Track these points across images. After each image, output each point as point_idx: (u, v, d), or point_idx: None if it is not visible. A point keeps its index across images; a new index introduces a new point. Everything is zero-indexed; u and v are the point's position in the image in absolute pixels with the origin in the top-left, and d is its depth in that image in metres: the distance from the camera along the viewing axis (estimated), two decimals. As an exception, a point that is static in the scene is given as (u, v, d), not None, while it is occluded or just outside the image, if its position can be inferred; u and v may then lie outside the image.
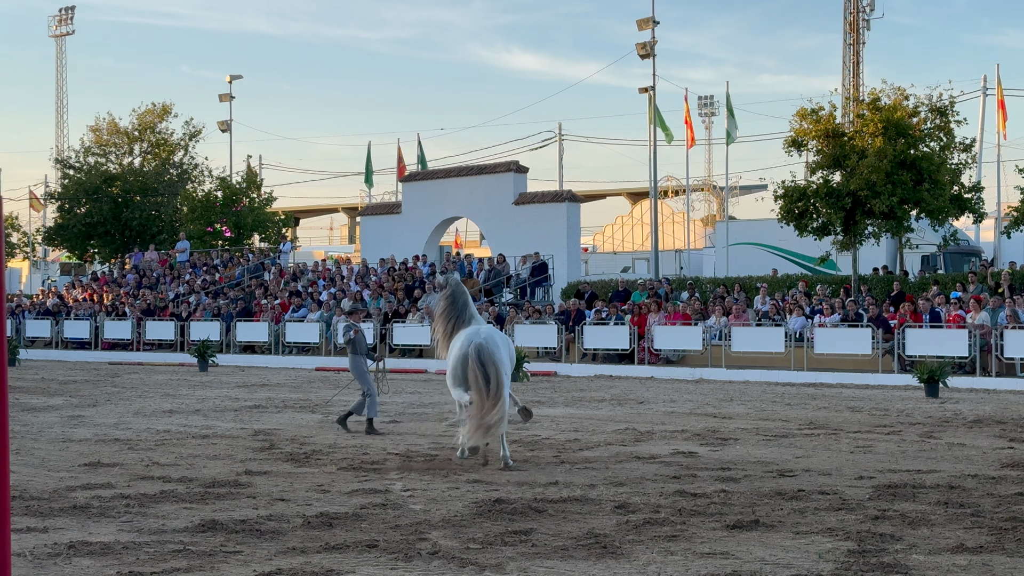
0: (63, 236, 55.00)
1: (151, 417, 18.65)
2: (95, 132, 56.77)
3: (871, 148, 30.44)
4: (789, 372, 27.42)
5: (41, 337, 40.94)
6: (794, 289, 32.06)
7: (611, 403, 21.04)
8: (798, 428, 16.51)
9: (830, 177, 31.95)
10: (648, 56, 43.29)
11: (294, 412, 19.56)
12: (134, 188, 53.47)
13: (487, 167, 42.68)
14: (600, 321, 31.45)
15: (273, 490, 11.02)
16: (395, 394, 23.46)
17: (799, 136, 32.20)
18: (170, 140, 56.77)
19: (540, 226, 38.93)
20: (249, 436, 15.80)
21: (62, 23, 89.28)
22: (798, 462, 12.83)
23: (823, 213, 31.47)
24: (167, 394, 23.50)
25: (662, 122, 44.47)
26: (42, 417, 18.53)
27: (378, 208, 47.70)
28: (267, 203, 53.56)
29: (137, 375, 29.98)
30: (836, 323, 28.26)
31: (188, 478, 11.74)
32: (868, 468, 12.27)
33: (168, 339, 37.99)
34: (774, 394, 23.28)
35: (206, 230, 50.08)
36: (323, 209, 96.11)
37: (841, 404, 20.70)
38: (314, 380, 27.93)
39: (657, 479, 11.61)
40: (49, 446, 14.66)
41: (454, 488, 11.11)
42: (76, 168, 55.46)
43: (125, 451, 14.11)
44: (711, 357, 29.06)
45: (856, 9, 62.43)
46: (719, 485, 11.17)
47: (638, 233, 67.46)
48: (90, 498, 10.53)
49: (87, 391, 24.28)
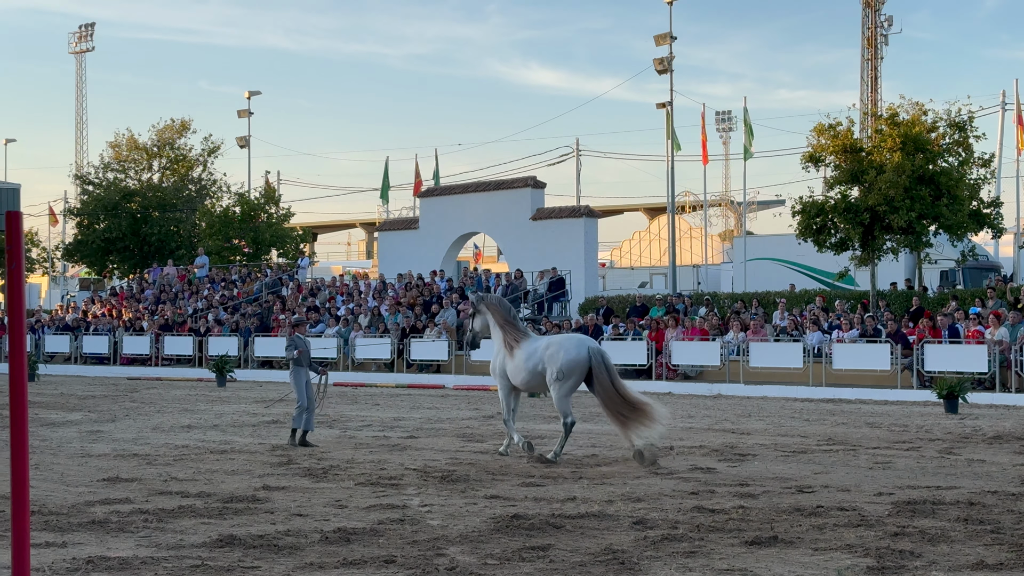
0: (82, 252, 55.21)
1: (169, 432, 18.68)
2: (114, 148, 57.05)
3: (889, 163, 30.38)
4: (807, 388, 27.34)
5: (60, 352, 41.09)
6: (812, 304, 31.98)
7: (629, 419, 20.95)
8: (817, 444, 16.45)
9: (848, 192, 31.88)
10: (666, 71, 43.31)
11: (312, 427, 19.53)
12: (153, 204, 53.68)
13: (504, 182, 42.72)
14: (618, 336, 31.42)
15: (291, 505, 11.02)
16: (412, 409, 23.47)
17: (817, 151, 32.16)
18: (189, 156, 56.99)
19: (557, 241, 38.93)
20: (267, 451, 15.81)
21: (82, 40, 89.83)
22: (817, 478, 12.78)
23: (841, 228, 31.41)
24: (185, 409, 23.54)
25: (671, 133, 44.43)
26: (61, 432, 18.58)
27: (395, 223, 47.77)
28: (285, 218, 53.71)
29: (155, 390, 30.05)
30: (855, 339, 28.17)
31: (206, 493, 11.76)
32: (887, 484, 12.22)
33: (186, 354, 38.08)
34: (792, 410, 23.20)
35: (224, 245, 50.21)
36: (341, 224, 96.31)
37: (860, 420, 20.62)
38: (332, 395, 27.93)
39: (675, 495, 11.58)
40: (68, 461, 14.70)
41: (472, 504, 11.10)
42: (95, 184, 55.70)
43: (143, 466, 14.14)
44: (729, 372, 28.99)
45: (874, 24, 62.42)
46: (737, 501, 11.13)
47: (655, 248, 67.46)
48: (109, 513, 10.55)
49: (106, 406, 24.34)
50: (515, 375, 14.91)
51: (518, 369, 14.82)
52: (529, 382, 14.84)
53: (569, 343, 14.64)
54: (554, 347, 14.61)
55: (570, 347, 14.51)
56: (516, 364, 14.81)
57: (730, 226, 77.10)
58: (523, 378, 14.83)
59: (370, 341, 34.06)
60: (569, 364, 14.37)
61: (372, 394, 28.55)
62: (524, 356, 14.78)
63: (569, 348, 14.50)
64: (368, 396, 27.78)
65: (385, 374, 33.43)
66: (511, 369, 14.94)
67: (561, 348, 14.52)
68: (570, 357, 14.39)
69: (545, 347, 14.71)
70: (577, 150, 66.14)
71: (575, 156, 66.06)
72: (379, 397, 27.40)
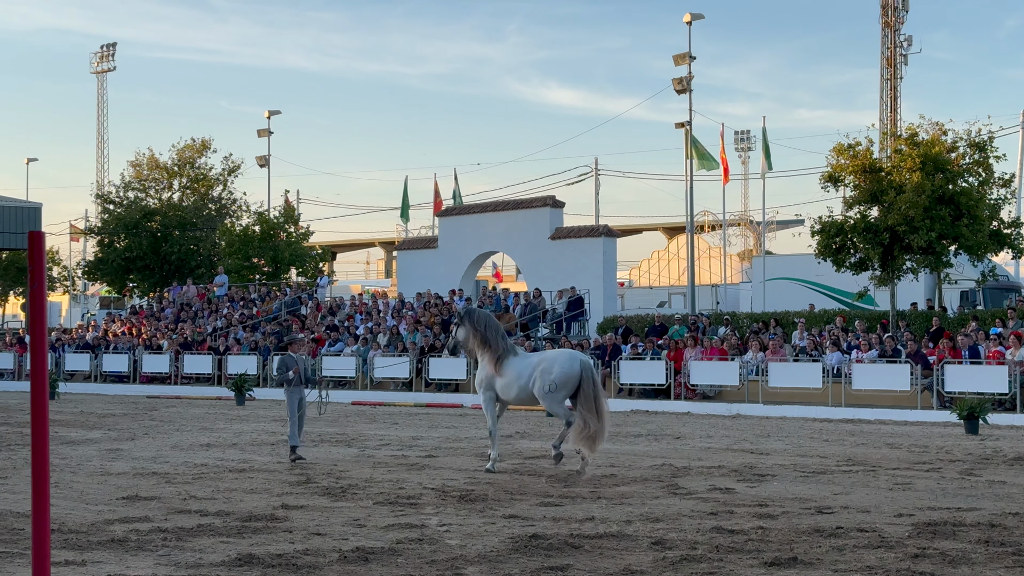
0: (103, 270, 55.41)
1: (188, 451, 18.72)
2: (135, 167, 57.28)
3: (909, 183, 30.31)
4: (827, 408, 27.24)
5: (80, 370, 41.21)
6: (831, 324, 31.89)
7: (647, 438, 20.95)
8: (836, 464, 16.38)
9: (867, 212, 31.82)
10: (684, 91, 43.31)
11: (330, 446, 19.58)
12: (173, 223, 53.89)
13: (523, 202, 42.77)
14: (636, 356, 31.37)
15: (309, 524, 11.02)
16: (431, 428, 23.47)
17: (836, 171, 32.13)
18: (209, 175, 57.18)
19: (576, 260, 38.93)
20: (286, 470, 15.83)
21: (103, 59, 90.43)
22: (836, 499, 12.72)
23: (860, 248, 31.36)
24: (204, 428, 23.58)
25: (704, 153, 44.34)
26: (81, 450, 18.63)
27: (415, 242, 47.86)
28: (304, 237, 53.84)
29: (175, 408, 30.12)
30: (874, 359, 28.07)
31: (225, 512, 11.77)
32: (907, 505, 12.16)
33: (206, 373, 38.17)
34: (812, 430, 23.12)
35: (244, 264, 50.32)
36: (360, 243, 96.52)
37: (880, 440, 20.53)
38: (351, 414, 27.97)
39: (694, 515, 11.54)
40: (87, 479, 14.73)
41: (490, 523, 11.08)
42: (116, 203, 55.95)
43: (163, 484, 14.17)
44: (748, 392, 28.91)
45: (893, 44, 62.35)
46: (757, 522, 11.09)
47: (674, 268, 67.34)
48: (128, 531, 10.57)
49: (125, 424, 24.41)
50: (506, 390, 15.83)
51: (509, 385, 15.75)
52: (520, 396, 15.81)
53: (562, 357, 15.62)
54: (547, 362, 15.57)
55: (563, 361, 15.48)
56: (507, 380, 15.79)
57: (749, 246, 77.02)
58: (515, 393, 15.79)
59: (389, 360, 34.09)
60: (562, 377, 15.32)
61: (390, 413, 28.56)
62: (515, 373, 15.72)
63: (563, 363, 15.46)
64: (386, 415, 27.78)
65: (404, 393, 33.45)
66: (502, 384, 15.84)
67: (555, 363, 15.48)
68: (564, 371, 15.35)
69: (538, 362, 15.68)
70: (596, 169, 66.20)
71: (594, 175, 66.12)
72: (397, 416, 27.41)
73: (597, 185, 66.59)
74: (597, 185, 66.59)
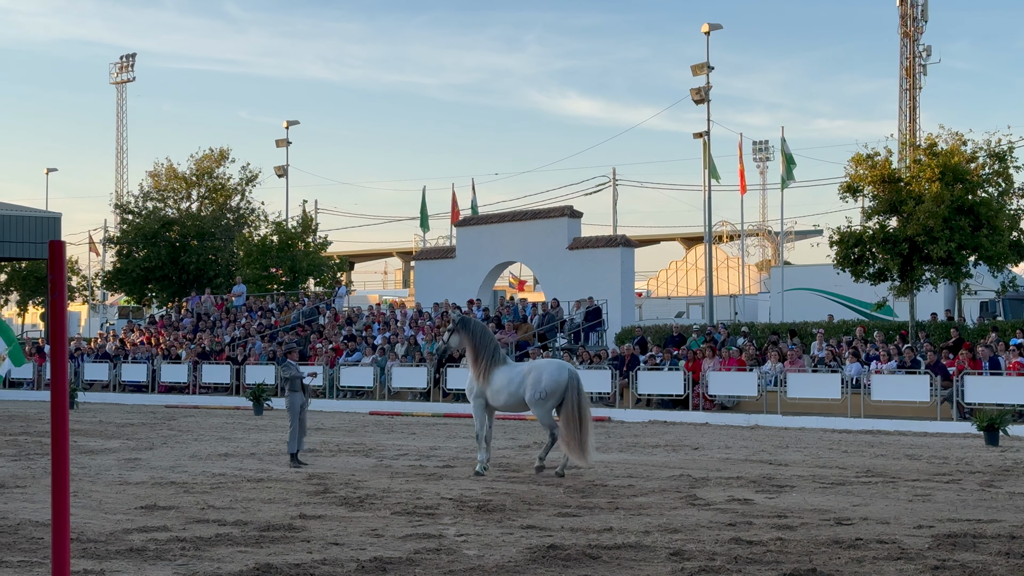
0: (121, 280, 55.64)
1: (206, 460, 18.77)
2: (154, 177, 57.54)
3: (928, 193, 30.21)
4: (846, 419, 27.14)
5: (99, 380, 41.31)
6: (850, 335, 31.79)
7: (666, 449, 20.92)
8: (855, 476, 16.33)
9: (886, 223, 31.73)
10: (703, 101, 43.27)
11: (348, 456, 19.61)
12: (191, 233, 54.08)
13: (541, 212, 42.76)
14: (654, 366, 31.32)
15: (327, 534, 11.04)
16: (448, 438, 23.47)
17: (855, 181, 32.03)
18: (227, 185, 57.38)
19: (594, 271, 38.89)
20: (303, 480, 15.85)
21: (123, 70, 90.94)
22: (856, 510, 12.68)
23: (879, 259, 31.25)
24: (222, 437, 23.64)
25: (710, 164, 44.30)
26: (99, 460, 18.70)
27: (432, 252, 47.90)
28: (322, 247, 53.94)
29: (193, 418, 30.19)
30: (893, 370, 27.98)
31: (243, 521, 11.80)
32: (927, 517, 12.12)
33: (224, 383, 38.25)
34: (831, 441, 23.05)
35: (262, 274, 50.44)
36: (378, 253, 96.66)
37: (899, 452, 20.46)
38: (368, 424, 28.00)
39: (712, 526, 11.52)
40: (106, 489, 14.78)
41: (508, 534, 11.08)
42: (135, 213, 56.18)
43: (181, 494, 14.21)
44: (766, 403, 28.83)
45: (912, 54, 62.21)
46: (775, 533, 11.06)
47: (692, 278, 67.26)
48: (146, 541, 10.61)
49: (144, 434, 24.48)
50: (495, 396, 16.70)
51: (498, 391, 16.63)
52: (508, 403, 16.74)
53: (551, 367, 16.60)
54: (536, 371, 16.50)
55: (552, 371, 16.44)
56: (496, 387, 16.63)
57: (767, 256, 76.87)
58: (503, 400, 16.67)
59: (406, 371, 34.08)
60: (551, 386, 16.24)
61: (408, 423, 28.58)
62: (504, 380, 16.62)
63: (552, 372, 16.41)
64: (404, 425, 27.80)
65: (421, 403, 33.45)
66: (491, 391, 16.69)
67: (544, 372, 16.43)
68: (552, 379, 16.28)
69: (528, 371, 16.61)
70: (614, 179, 66.15)
71: (612, 185, 66.07)
72: (415, 426, 27.43)
73: (615, 195, 66.59)
74: (615, 195, 66.59)
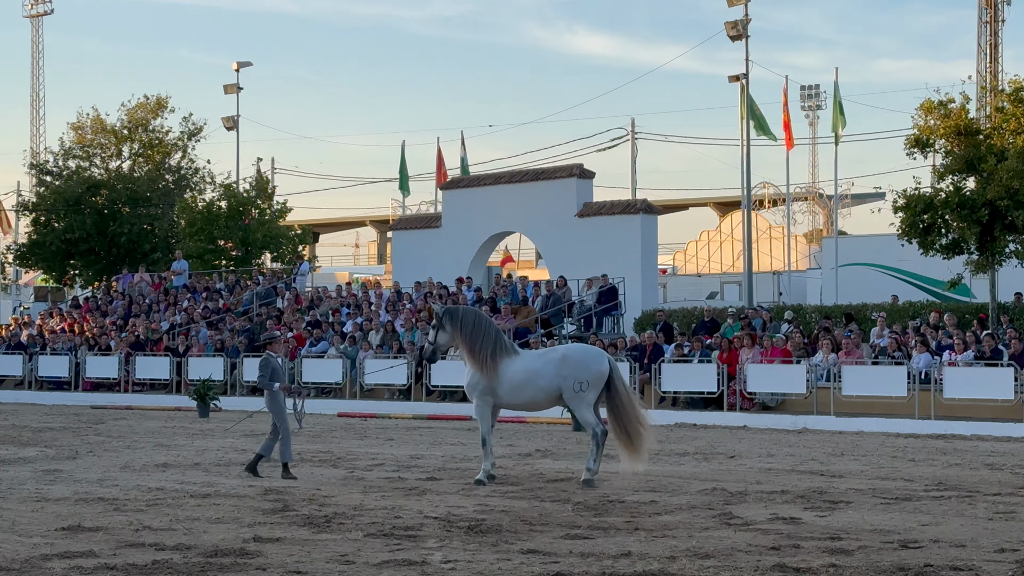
0: (38, 255, 55.56)
1: (141, 472, 18.78)
2: (77, 131, 57.41)
3: (1012, 149, 30.22)
4: (913, 421, 27.19)
5: (11, 376, 41.37)
6: (919, 319, 31.81)
7: (695, 457, 20.96)
8: (924, 489, 16.37)
9: (962, 184, 31.74)
10: (740, 37, 43.26)
11: (312, 467, 19.64)
12: (122, 197, 53.96)
13: (545, 172, 42.79)
14: (682, 358, 31.34)
15: (287, 560, 11.06)
16: (433, 445, 23.51)
17: (924, 134, 32.04)
18: (165, 140, 57.26)
19: (609, 243, 38.89)
20: (258, 495, 15.87)
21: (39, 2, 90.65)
22: (924, 531, 12.71)
23: (954, 227, 31.28)
24: (160, 444, 23.66)
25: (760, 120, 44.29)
26: (12, 472, 18.71)
27: (414, 221, 47.93)
28: (280, 215, 53.92)
29: (125, 421, 30.22)
30: (970, 362, 27.99)
31: (185, 545, 11.81)
32: (1011, 539, 12.14)
33: (162, 378, 38.27)
34: (894, 447, 23.11)
35: (208, 247, 50.40)
36: (348, 222, 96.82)
37: (977, 460, 20.51)
38: (336, 428, 28.04)
39: (752, 550, 11.54)
40: (20, 506, 14.79)
41: (505, 560, 11.10)
42: (54, 174, 56.10)
43: (111, 512, 14.21)
44: (817, 402, 28.87)
45: (993, -21, 62.13)
46: (828, 558, 11.08)
47: (727, 251, 67.40)
48: (69, 568, 10.62)
49: (66, 440, 24.50)
50: (514, 393, 16.80)
51: (519, 387, 16.72)
52: (534, 399, 16.76)
53: (586, 352, 16.93)
54: (573, 360, 16.57)
55: (591, 357, 16.69)
56: (515, 382, 16.64)
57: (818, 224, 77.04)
58: (528, 396, 16.83)
59: (382, 363, 34.11)
60: (597, 375, 16.45)
61: (385, 427, 28.62)
62: (524, 373, 16.70)
63: (591, 358, 16.67)
64: (380, 429, 27.84)
65: (400, 403, 33.50)
66: (506, 388, 16.73)
67: (583, 360, 16.57)
68: (597, 368, 16.49)
69: (559, 359, 16.63)
70: (632, 133, 66.26)
71: (630, 140, 66.18)
72: (393, 431, 27.47)
73: (634, 151, 66.68)
74: (634, 151, 66.68)
